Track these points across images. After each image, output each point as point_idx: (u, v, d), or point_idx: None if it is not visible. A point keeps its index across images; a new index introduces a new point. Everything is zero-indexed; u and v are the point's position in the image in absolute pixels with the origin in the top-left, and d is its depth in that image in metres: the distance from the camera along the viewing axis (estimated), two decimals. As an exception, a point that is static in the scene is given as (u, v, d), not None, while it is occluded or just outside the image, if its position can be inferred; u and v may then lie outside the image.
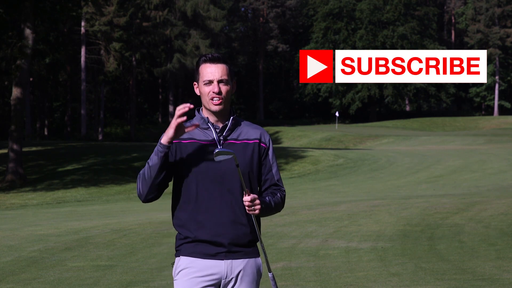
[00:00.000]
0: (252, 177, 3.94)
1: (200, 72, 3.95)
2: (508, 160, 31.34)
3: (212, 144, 3.90)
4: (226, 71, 3.94)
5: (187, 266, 3.89)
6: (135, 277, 9.44)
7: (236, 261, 3.90)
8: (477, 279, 8.67)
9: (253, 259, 3.95)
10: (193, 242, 3.89)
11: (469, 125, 68.26)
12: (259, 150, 3.97)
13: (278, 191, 4.02)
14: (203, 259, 3.88)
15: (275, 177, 4.02)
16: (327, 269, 9.64)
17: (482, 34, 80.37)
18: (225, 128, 3.94)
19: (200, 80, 3.95)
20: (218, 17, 68.29)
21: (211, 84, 3.91)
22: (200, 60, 3.97)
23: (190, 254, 3.89)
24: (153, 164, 3.82)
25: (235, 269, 3.90)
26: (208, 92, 3.91)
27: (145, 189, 3.87)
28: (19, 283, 9.16)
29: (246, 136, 3.96)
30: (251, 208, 3.82)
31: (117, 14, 59.79)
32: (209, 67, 3.93)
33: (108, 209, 20.61)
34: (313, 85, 77.52)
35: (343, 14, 77.29)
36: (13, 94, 29.63)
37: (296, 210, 15.93)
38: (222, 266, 3.88)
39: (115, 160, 33.46)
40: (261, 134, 4.00)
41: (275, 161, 4.04)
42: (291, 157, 34.70)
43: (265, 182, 4.01)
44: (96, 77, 64.47)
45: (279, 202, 3.99)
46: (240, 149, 3.92)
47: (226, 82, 3.93)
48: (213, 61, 3.93)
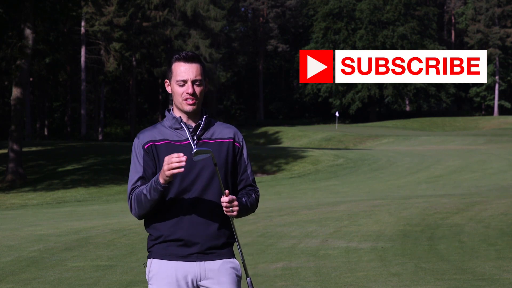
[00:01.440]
0: (228, 177, 3.88)
1: (173, 70, 3.86)
2: (508, 160, 31.35)
3: (186, 144, 3.82)
4: (200, 71, 3.85)
5: (159, 271, 3.82)
6: (135, 277, 9.43)
7: (208, 263, 3.83)
8: (477, 279, 8.67)
9: (228, 260, 3.86)
10: (165, 243, 3.81)
11: (469, 125, 68.26)
12: (234, 149, 3.91)
13: (253, 191, 3.96)
14: (174, 261, 3.81)
15: (250, 177, 3.97)
16: (327, 269, 9.64)
17: (482, 34, 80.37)
18: (198, 128, 3.86)
19: (173, 79, 3.86)
20: (218, 17, 68.28)
21: (185, 85, 3.83)
22: (173, 58, 3.88)
23: (162, 257, 3.82)
24: (152, 199, 3.74)
25: (208, 271, 3.82)
26: (181, 92, 3.82)
27: (142, 212, 3.81)
28: (19, 283, 9.16)
29: (219, 135, 3.89)
30: (229, 209, 3.75)
31: (117, 14, 59.79)
32: (183, 66, 3.83)
33: (108, 209, 20.60)
34: (313, 85, 77.53)
35: (343, 14, 77.29)
36: (13, 94, 29.63)
37: (296, 210, 15.93)
38: (195, 268, 3.81)
39: (115, 160, 33.47)
40: (235, 134, 3.93)
41: (249, 161, 3.99)
42: (291, 157, 34.70)
43: (240, 183, 3.95)
44: (96, 77, 64.47)
45: (254, 203, 3.93)
46: (215, 149, 3.84)
47: (200, 83, 3.84)
48: (187, 60, 3.84)
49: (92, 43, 62.41)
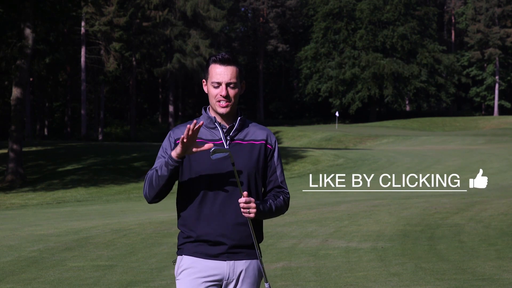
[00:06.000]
0: (258, 179, 3.90)
1: (209, 71, 3.89)
2: (508, 160, 31.35)
3: (218, 144, 3.86)
4: (236, 74, 3.87)
5: (189, 266, 3.86)
6: (135, 277, 9.43)
7: (238, 262, 3.87)
8: (477, 279, 8.67)
9: (255, 260, 3.91)
10: (195, 242, 3.86)
11: (469, 125, 68.25)
12: (265, 151, 3.93)
13: (281, 193, 3.97)
14: (205, 259, 3.85)
15: (279, 179, 3.98)
16: (327, 269, 9.64)
17: (482, 34, 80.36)
18: (232, 128, 3.89)
19: (208, 80, 3.90)
20: (218, 17, 68.27)
21: (219, 87, 3.86)
22: (210, 60, 3.91)
23: (193, 254, 3.86)
24: (162, 175, 3.80)
25: (237, 270, 3.87)
26: (215, 94, 3.86)
27: (152, 193, 3.86)
28: (19, 283, 9.15)
29: (252, 137, 3.92)
30: (246, 211, 3.77)
31: (117, 14, 59.77)
32: (218, 68, 3.86)
33: (108, 209, 20.60)
34: (313, 85, 77.56)
35: (343, 14, 77.27)
36: (13, 94, 29.62)
37: (296, 210, 15.93)
38: (224, 267, 3.85)
39: (115, 160, 33.47)
40: (268, 136, 3.96)
41: (280, 163, 4.00)
42: (291, 157, 34.70)
43: (269, 184, 3.97)
44: (96, 77, 64.45)
45: (282, 205, 3.94)
46: (247, 150, 3.88)
47: (235, 85, 3.87)
48: (223, 62, 3.87)
49: (92, 43, 62.41)
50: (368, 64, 74.98)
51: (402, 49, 76.51)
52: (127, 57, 64.73)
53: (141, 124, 71.95)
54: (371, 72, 74.35)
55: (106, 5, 58.70)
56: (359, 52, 76.18)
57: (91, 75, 64.61)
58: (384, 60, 74.78)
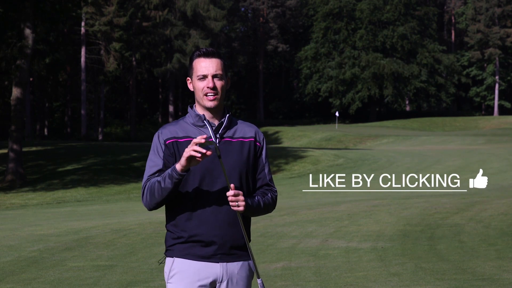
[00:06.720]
0: (249, 176, 3.85)
1: (194, 67, 3.84)
2: (508, 160, 31.34)
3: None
4: (221, 66, 3.82)
5: (182, 269, 3.78)
6: (135, 277, 9.43)
7: (230, 264, 3.81)
8: (477, 279, 8.67)
9: (247, 262, 3.86)
10: (187, 243, 3.77)
11: (469, 125, 68.26)
12: (255, 149, 3.88)
13: (270, 191, 3.92)
14: (198, 261, 3.77)
15: (267, 177, 3.92)
16: (327, 269, 9.64)
17: (482, 34, 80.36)
18: (221, 126, 3.83)
19: (194, 75, 3.84)
20: (218, 17, 68.28)
21: (205, 79, 3.80)
22: (193, 55, 3.86)
23: (185, 256, 3.77)
24: (166, 187, 3.69)
25: (230, 272, 3.80)
26: (202, 87, 3.80)
27: (153, 203, 3.77)
28: (19, 283, 9.15)
29: (241, 134, 3.86)
30: (235, 204, 3.69)
31: (117, 14, 59.77)
32: (203, 62, 3.81)
33: (108, 209, 20.61)
34: (313, 85, 77.57)
35: (343, 14, 77.28)
36: (13, 94, 29.63)
37: (296, 210, 15.93)
38: (217, 269, 3.78)
39: (115, 160, 33.47)
40: (256, 133, 3.91)
41: (267, 161, 3.95)
42: (291, 157, 34.70)
43: (257, 181, 3.91)
44: (96, 77, 64.46)
45: (270, 203, 3.88)
46: (237, 148, 3.82)
47: (221, 77, 3.81)
48: (207, 55, 3.82)
49: (92, 43, 62.41)
50: (368, 64, 74.98)
51: (402, 49, 76.52)
52: (127, 57, 64.73)
53: (141, 124, 71.94)
54: (371, 72, 74.35)
55: (106, 5, 58.70)
56: (359, 52, 76.19)
57: (91, 75, 64.61)
58: (384, 60, 74.79)
